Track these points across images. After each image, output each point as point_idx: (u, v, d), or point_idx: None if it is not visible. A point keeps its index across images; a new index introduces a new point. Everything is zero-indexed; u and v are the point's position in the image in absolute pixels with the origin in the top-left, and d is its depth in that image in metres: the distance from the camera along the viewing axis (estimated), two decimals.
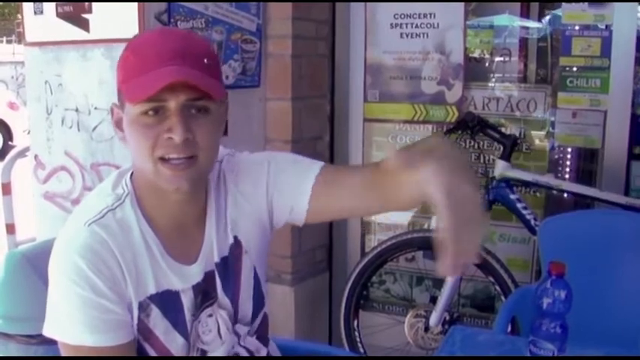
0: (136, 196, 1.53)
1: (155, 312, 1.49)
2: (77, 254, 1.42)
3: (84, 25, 2.98)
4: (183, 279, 1.53)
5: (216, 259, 1.59)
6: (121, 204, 1.51)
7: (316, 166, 1.67)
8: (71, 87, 3.07)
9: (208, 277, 1.57)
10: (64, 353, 1.43)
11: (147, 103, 1.41)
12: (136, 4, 2.81)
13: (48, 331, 1.43)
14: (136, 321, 1.47)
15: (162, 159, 1.43)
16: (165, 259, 1.51)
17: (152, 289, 1.49)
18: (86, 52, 2.99)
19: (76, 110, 3.06)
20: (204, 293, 1.56)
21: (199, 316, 1.56)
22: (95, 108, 2.99)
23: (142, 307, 1.47)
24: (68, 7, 3.01)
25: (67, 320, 1.42)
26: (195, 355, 1.55)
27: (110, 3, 2.89)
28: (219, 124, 1.52)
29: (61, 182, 3.18)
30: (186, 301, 1.53)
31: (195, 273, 1.55)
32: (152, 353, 1.50)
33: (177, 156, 1.42)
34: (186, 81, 1.38)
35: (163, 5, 2.90)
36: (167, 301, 1.50)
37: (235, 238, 1.62)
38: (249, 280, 1.65)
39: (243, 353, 1.64)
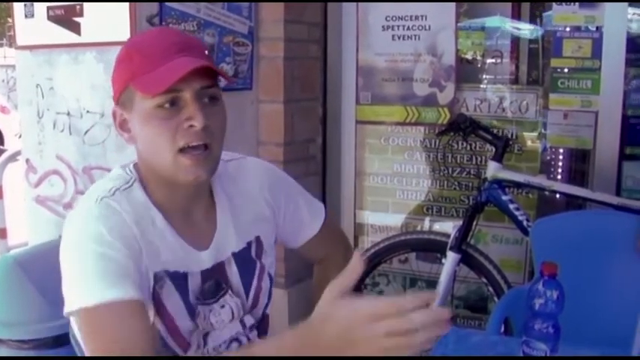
0: (142, 184, 1.54)
1: (168, 285, 1.49)
2: (94, 222, 1.42)
3: (75, 28, 2.98)
4: (192, 263, 1.54)
5: (234, 249, 1.62)
6: (130, 187, 1.52)
7: (319, 220, 1.87)
8: (63, 90, 3.06)
9: (219, 266, 1.59)
10: (84, 325, 1.39)
11: (162, 95, 1.42)
12: (127, 7, 2.81)
13: (68, 308, 1.38)
14: (151, 290, 1.47)
15: (182, 150, 1.44)
16: (175, 239, 1.52)
17: (164, 265, 1.49)
18: (78, 55, 2.99)
19: (68, 114, 3.05)
20: (216, 282, 1.58)
21: (212, 305, 1.57)
22: (87, 111, 2.98)
23: (157, 279, 1.48)
24: (59, 11, 3.01)
25: (83, 283, 1.38)
26: (199, 336, 1.56)
27: (102, 6, 2.89)
28: (225, 115, 1.55)
29: (52, 186, 3.18)
30: (193, 284, 1.53)
31: (204, 260, 1.56)
32: (162, 330, 1.50)
33: (197, 143, 1.44)
34: (203, 67, 1.42)
35: (155, 8, 2.90)
36: (176, 279, 1.51)
37: (258, 237, 1.68)
38: (267, 278, 1.71)
39: (244, 342, 1.66)
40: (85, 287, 1.37)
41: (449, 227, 3.50)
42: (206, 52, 1.52)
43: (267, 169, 1.80)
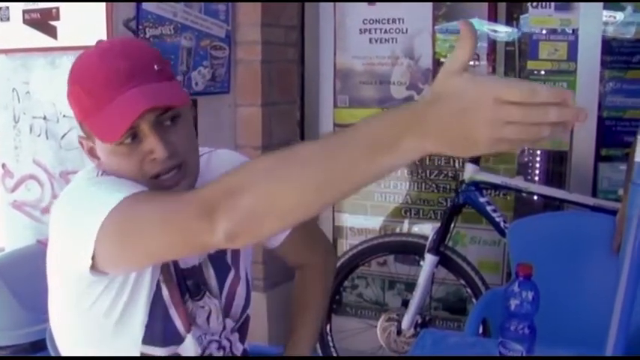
0: None
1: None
2: (92, 181, 1.43)
3: (51, 32, 2.96)
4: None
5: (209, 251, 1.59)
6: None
7: None
8: (39, 95, 3.05)
9: (197, 267, 1.59)
10: (117, 228, 1.29)
11: None
12: (104, 11, 2.80)
13: (90, 237, 1.28)
14: None
15: (153, 177, 1.43)
16: None
17: None
18: (54, 59, 2.97)
19: (44, 118, 3.03)
20: (195, 283, 1.57)
21: (196, 302, 1.57)
22: (64, 116, 2.97)
23: None
24: (35, 14, 2.99)
25: (97, 201, 1.32)
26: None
27: (78, 10, 2.87)
28: (191, 124, 1.52)
29: (29, 191, 3.16)
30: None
31: (183, 259, 1.55)
32: (166, 297, 1.50)
33: (167, 173, 1.43)
34: (153, 106, 1.37)
35: (132, 12, 2.89)
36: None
37: None
38: (243, 284, 1.69)
39: (225, 343, 1.66)
40: (101, 199, 1.31)
41: (427, 229, 3.52)
42: (155, 66, 1.43)
43: (238, 159, 1.74)
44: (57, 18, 2.94)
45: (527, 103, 0.91)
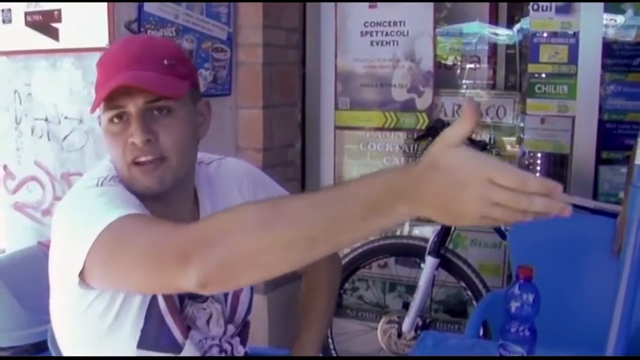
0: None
1: None
2: (94, 188, 1.44)
3: (53, 34, 2.96)
4: None
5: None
6: (113, 177, 1.49)
7: None
8: (41, 96, 3.05)
9: None
10: (106, 248, 1.30)
11: (110, 110, 1.45)
12: (105, 13, 2.81)
13: (81, 251, 1.30)
14: None
15: (134, 162, 1.45)
16: None
17: None
18: (56, 61, 2.98)
19: (46, 120, 3.04)
20: None
21: (198, 304, 1.58)
22: (65, 117, 2.97)
23: None
24: (37, 16, 3.00)
25: (95, 214, 1.34)
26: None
27: (80, 12, 2.87)
28: (187, 123, 1.52)
29: (31, 192, 3.16)
30: None
31: None
32: (162, 306, 1.51)
33: (144, 159, 1.45)
34: (133, 84, 1.41)
35: (133, 14, 2.89)
36: None
37: None
38: (247, 290, 1.71)
39: (226, 347, 1.67)
40: (97, 215, 1.32)
41: (428, 232, 3.51)
42: (166, 61, 1.47)
43: (246, 169, 1.80)
44: (59, 20, 2.95)
45: (517, 190, 0.97)
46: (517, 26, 3.85)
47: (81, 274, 1.33)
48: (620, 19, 3.50)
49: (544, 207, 0.97)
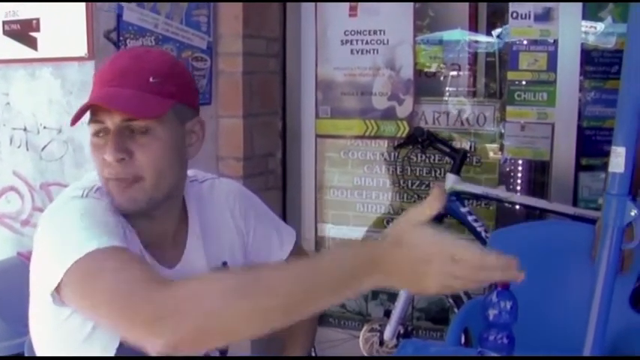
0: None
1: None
2: (78, 201, 1.44)
3: (32, 43, 2.95)
4: None
5: (204, 270, 1.59)
6: (99, 189, 1.49)
7: (289, 245, 1.82)
8: (19, 106, 3.03)
9: None
10: (79, 280, 1.31)
11: (94, 124, 1.45)
12: (84, 22, 2.80)
13: (57, 271, 1.31)
14: None
15: (109, 179, 1.45)
16: (142, 251, 1.50)
17: None
18: (34, 70, 2.96)
19: (25, 129, 3.02)
20: None
21: None
22: (44, 127, 2.96)
23: None
24: (15, 25, 2.98)
25: (74, 238, 1.34)
26: None
27: (59, 21, 2.86)
28: (167, 143, 1.47)
29: (9, 203, 3.14)
30: None
31: (170, 277, 1.53)
32: None
33: (115, 177, 1.44)
34: (101, 104, 1.41)
35: (112, 23, 2.88)
36: None
37: (225, 263, 1.66)
38: None
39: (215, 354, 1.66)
40: (77, 241, 1.33)
41: None
42: (151, 78, 1.45)
43: (239, 192, 1.79)
44: (37, 29, 2.93)
45: (476, 266, 1.12)
46: (497, 34, 3.86)
47: (57, 291, 1.34)
48: (599, 26, 3.52)
49: (500, 278, 1.18)
